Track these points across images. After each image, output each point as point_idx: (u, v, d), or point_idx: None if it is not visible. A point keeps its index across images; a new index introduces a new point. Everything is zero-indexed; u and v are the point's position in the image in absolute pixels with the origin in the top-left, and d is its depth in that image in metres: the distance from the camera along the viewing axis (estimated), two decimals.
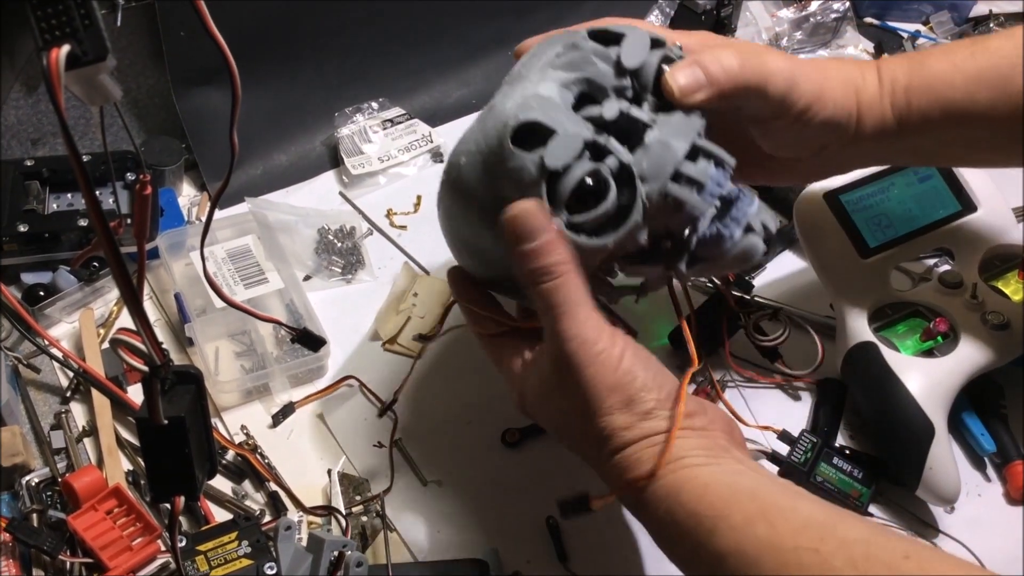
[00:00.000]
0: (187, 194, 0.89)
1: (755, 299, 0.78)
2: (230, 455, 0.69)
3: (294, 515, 0.66)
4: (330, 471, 0.68)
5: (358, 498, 0.67)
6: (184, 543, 0.62)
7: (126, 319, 0.78)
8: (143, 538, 0.62)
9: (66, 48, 0.37)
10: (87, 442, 0.70)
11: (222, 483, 0.68)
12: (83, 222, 0.78)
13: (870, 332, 0.71)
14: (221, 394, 0.72)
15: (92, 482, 0.63)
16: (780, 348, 0.74)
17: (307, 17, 0.90)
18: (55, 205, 0.81)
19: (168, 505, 0.54)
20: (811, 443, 0.69)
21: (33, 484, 0.66)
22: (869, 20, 1.11)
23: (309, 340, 0.70)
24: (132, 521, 0.63)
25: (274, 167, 0.91)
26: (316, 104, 0.93)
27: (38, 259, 0.78)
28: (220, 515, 0.66)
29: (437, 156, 0.93)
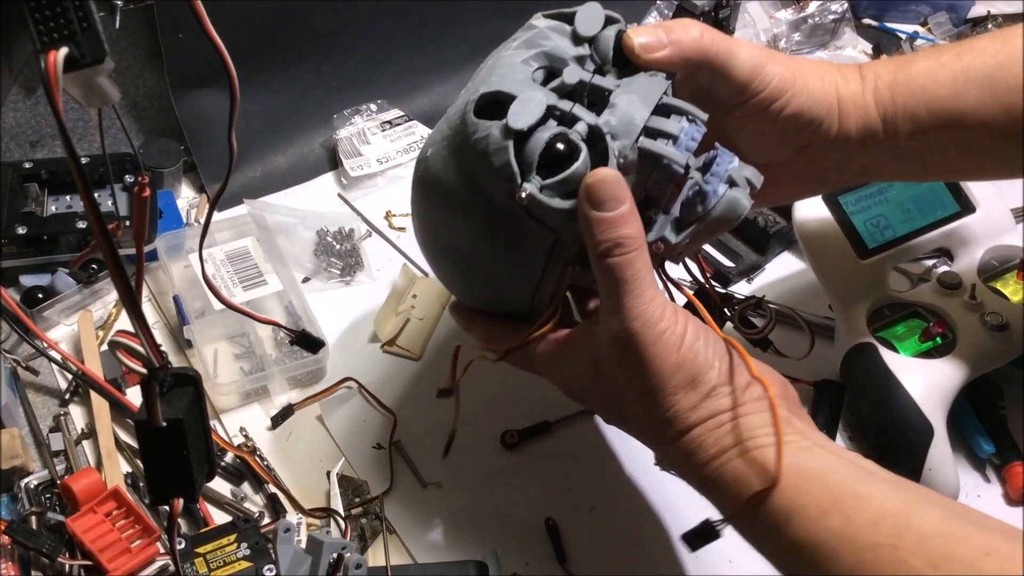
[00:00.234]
0: (186, 196, 0.89)
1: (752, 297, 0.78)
2: (229, 457, 0.69)
3: (293, 517, 0.66)
4: (329, 473, 0.68)
5: (357, 500, 0.67)
6: (183, 545, 0.61)
7: (125, 321, 0.78)
8: (142, 540, 0.62)
9: (64, 50, 0.37)
10: (86, 444, 0.70)
11: (221, 485, 0.68)
12: (82, 224, 0.78)
13: (869, 333, 0.71)
14: (220, 396, 0.72)
15: (91, 484, 0.63)
16: (771, 338, 0.74)
17: (306, 19, 0.90)
18: (54, 207, 0.81)
19: (167, 507, 0.54)
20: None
21: (32, 486, 0.65)
22: (867, 21, 1.12)
23: (308, 342, 0.70)
24: (131, 523, 0.63)
25: (273, 169, 0.91)
26: (315, 106, 0.93)
27: (37, 261, 0.78)
28: (219, 517, 0.66)
29: None
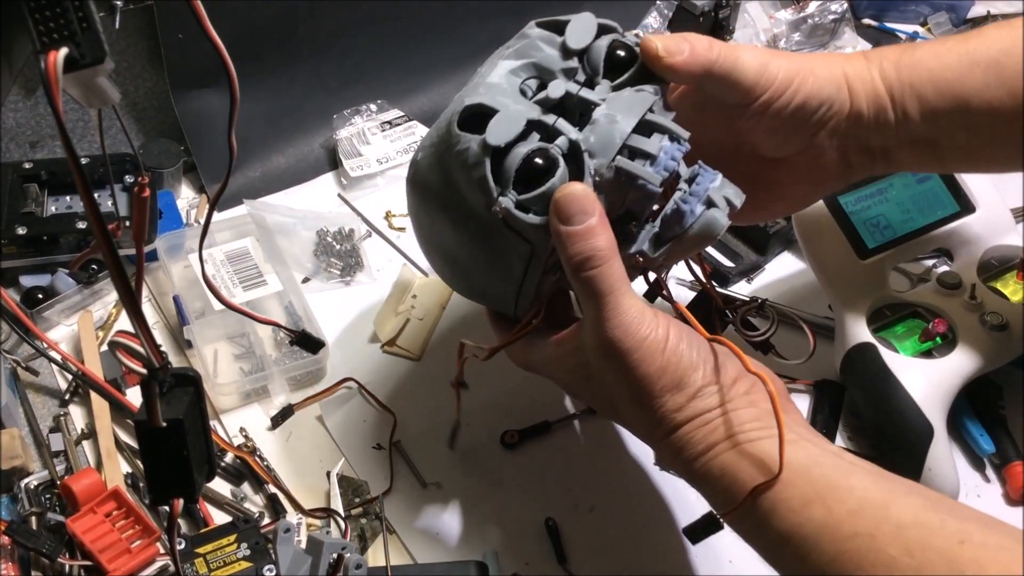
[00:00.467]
0: (186, 196, 0.89)
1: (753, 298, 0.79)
2: (229, 457, 0.69)
3: (293, 517, 0.66)
4: (329, 473, 0.68)
5: (357, 500, 0.67)
6: (183, 545, 0.61)
7: (125, 321, 0.78)
8: (142, 541, 0.62)
9: (64, 51, 0.37)
10: (86, 445, 0.70)
11: (221, 485, 0.68)
12: (82, 224, 0.78)
13: (869, 333, 0.71)
14: (220, 396, 0.72)
15: (91, 485, 0.63)
16: (772, 340, 0.74)
17: (306, 19, 0.90)
18: (54, 208, 0.81)
19: (167, 507, 0.54)
20: None
21: (32, 487, 0.65)
22: (867, 21, 1.12)
23: (308, 342, 0.70)
24: (131, 524, 0.63)
25: (273, 169, 0.91)
26: (314, 106, 0.93)
27: (37, 262, 0.78)
28: (219, 517, 0.66)
29: None
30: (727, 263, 0.83)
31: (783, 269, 0.85)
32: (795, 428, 0.53)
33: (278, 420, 0.72)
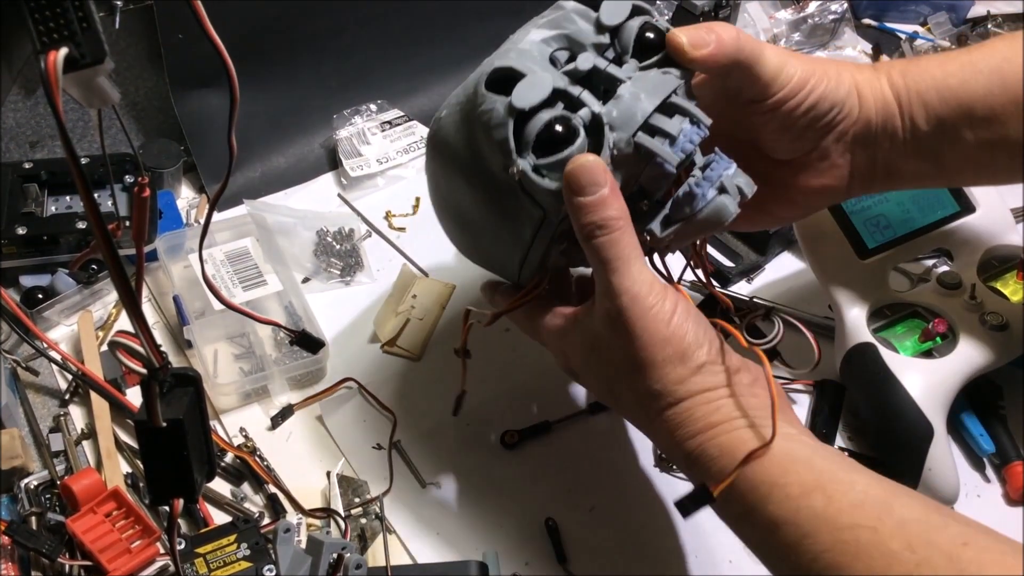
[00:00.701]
0: (185, 196, 0.89)
1: (753, 299, 0.79)
2: (229, 457, 0.69)
3: (293, 517, 0.66)
4: (329, 473, 0.68)
5: (357, 500, 0.67)
6: (183, 545, 0.61)
7: (125, 321, 0.78)
8: (142, 541, 0.62)
9: (64, 51, 0.37)
10: (86, 445, 0.70)
11: (221, 485, 0.68)
12: (82, 224, 0.78)
13: (869, 333, 0.71)
14: (220, 396, 0.72)
15: (91, 485, 0.63)
16: (778, 347, 0.74)
17: (305, 19, 0.90)
18: (53, 208, 0.81)
19: (167, 507, 0.54)
20: None
21: (32, 487, 0.65)
22: (867, 21, 1.12)
23: (308, 342, 0.70)
24: (131, 524, 0.63)
25: (273, 169, 0.91)
26: (314, 106, 0.93)
27: (36, 262, 0.78)
28: (219, 517, 0.66)
29: None
30: (727, 263, 0.83)
31: (783, 269, 0.85)
32: (794, 426, 0.53)
33: (278, 420, 0.72)
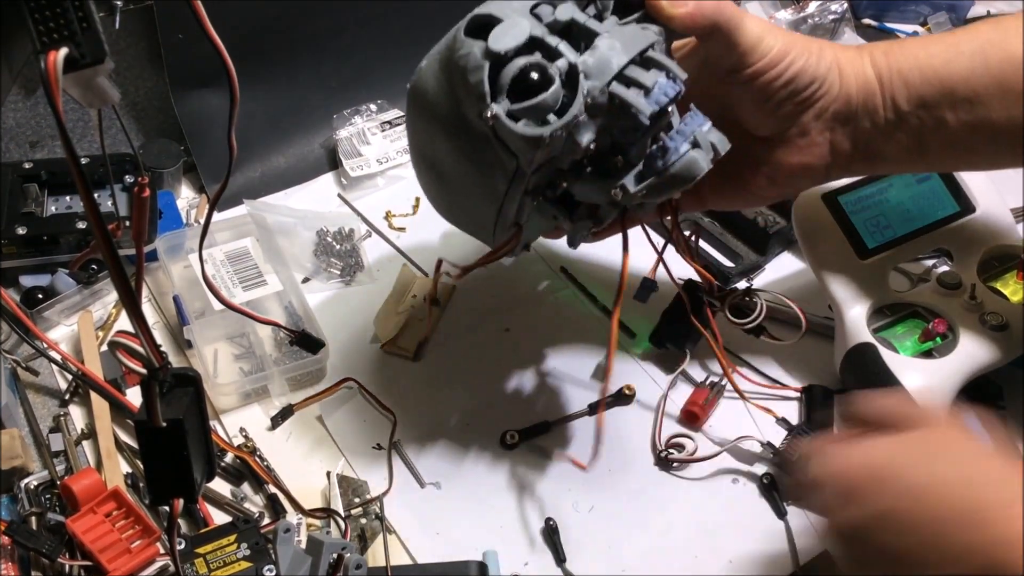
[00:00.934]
0: (185, 196, 0.89)
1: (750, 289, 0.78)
2: (229, 457, 0.69)
3: (293, 517, 0.66)
4: (329, 473, 0.68)
5: (357, 500, 0.67)
6: (183, 546, 0.61)
7: (125, 321, 0.78)
8: (142, 541, 0.62)
9: (64, 51, 0.37)
10: (86, 445, 0.70)
11: (221, 485, 0.68)
12: (82, 224, 0.78)
13: (869, 333, 0.71)
14: (220, 396, 0.72)
15: (91, 485, 0.63)
16: (763, 323, 0.74)
17: (305, 19, 0.90)
18: (53, 208, 0.81)
19: (167, 507, 0.54)
20: (809, 437, 0.69)
21: (32, 487, 0.65)
22: (867, 21, 1.12)
23: (308, 342, 0.70)
24: (131, 524, 0.63)
25: (273, 169, 0.91)
26: (314, 106, 0.93)
27: (37, 262, 0.78)
28: (219, 517, 0.66)
29: None
30: (727, 263, 0.83)
31: (783, 269, 0.85)
32: None
33: (278, 420, 0.72)
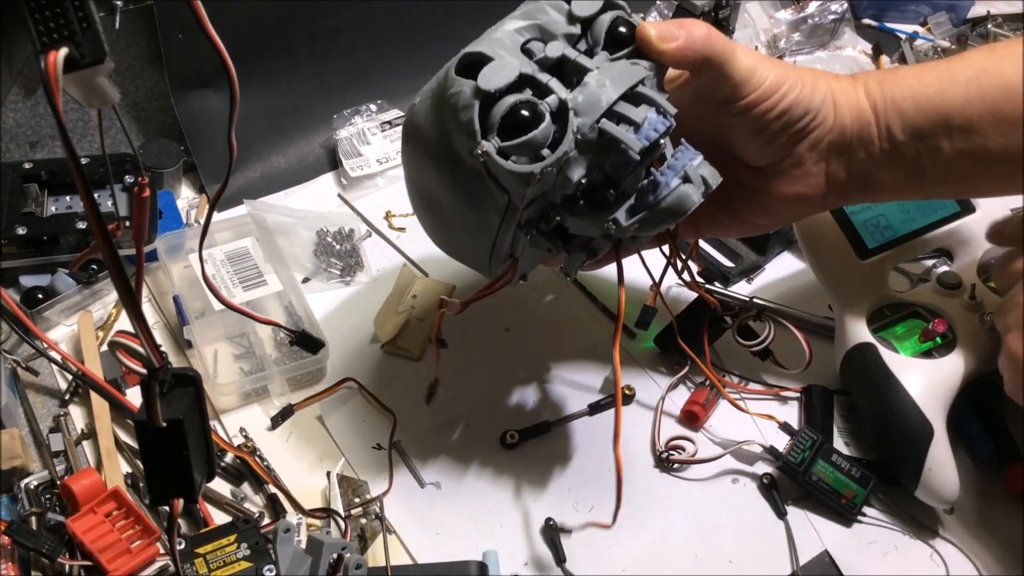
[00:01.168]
0: (185, 196, 0.89)
1: (752, 299, 0.79)
2: (229, 457, 0.69)
3: (293, 517, 0.66)
4: (329, 473, 0.68)
5: (357, 500, 0.67)
6: (183, 545, 0.61)
7: (125, 321, 0.78)
8: (142, 541, 0.62)
9: (64, 51, 0.37)
10: (86, 445, 0.70)
11: (221, 485, 0.68)
12: (82, 224, 0.78)
13: (869, 333, 0.71)
14: (220, 396, 0.72)
15: (91, 485, 0.63)
16: (771, 347, 0.74)
17: (305, 19, 0.90)
18: (53, 208, 0.81)
19: (167, 507, 0.54)
20: (811, 440, 0.69)
21: (32, 487, 0.65)
22: (867, 21, 1.12)
23: (308, 342, 0.70)
24: (131, 524, 0.63)
25: (272, 169, 0.91)
26: (314, 106, 0.93)
27: (37, 262, 0.78)
28: (219, 517, 0.66)
29: None
30: (727, 263, 0.83)
31: (783, 269, 0.85)
32: None
33: (278, 420, 0.72)
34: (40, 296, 0.76)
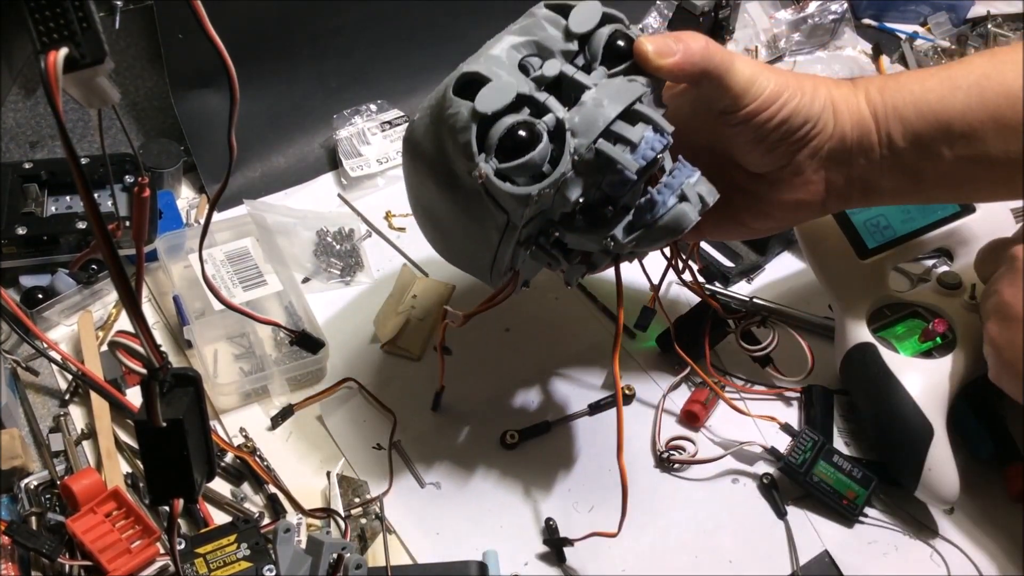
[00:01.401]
0: (185, 196, 0.89)
1: (752, 299, 0.79)
2: (229, 457, 0.69)
3: (293, 517, 0.66)
4: (329, 473, 0.68)
5: (357, 500, 0.67)
6: (183, 545, 0.61)
7: (125, 321, 0.78)
8: (142, 541, 0.62)
9: (64, 51, 0.37)
10: (86, 445, 0.70)
11: (221, 485, 0.68)
12: (82, 224, 0.78)
13: (869, 333, 0.71)
14: (220, 396, 0.72)
15: (91, 485, 0.63)
16: (772, 353, 0.74)
17: (305, 19, 0.90)
18: (54, 208, 0.81)
19: (167, 507, 0.54)
20: (812, 441, 0.69)
21: (32, 487, 0.65)
22: (867, 21, 1.12)
23: (308, 342, 0.70)
24: (131, 524, 0.63)
25: (272, 169, 0.91)
26: (314, 106, 0.93)
27: (37, 262, 0.78)
28: (219, 517, 0.66)
29: None
30: (727, 263, 0.83)
31: (783, 269, 0.85)
32: None
33: (278, 420, 0.72)
34: (40, 296, 0.76)
